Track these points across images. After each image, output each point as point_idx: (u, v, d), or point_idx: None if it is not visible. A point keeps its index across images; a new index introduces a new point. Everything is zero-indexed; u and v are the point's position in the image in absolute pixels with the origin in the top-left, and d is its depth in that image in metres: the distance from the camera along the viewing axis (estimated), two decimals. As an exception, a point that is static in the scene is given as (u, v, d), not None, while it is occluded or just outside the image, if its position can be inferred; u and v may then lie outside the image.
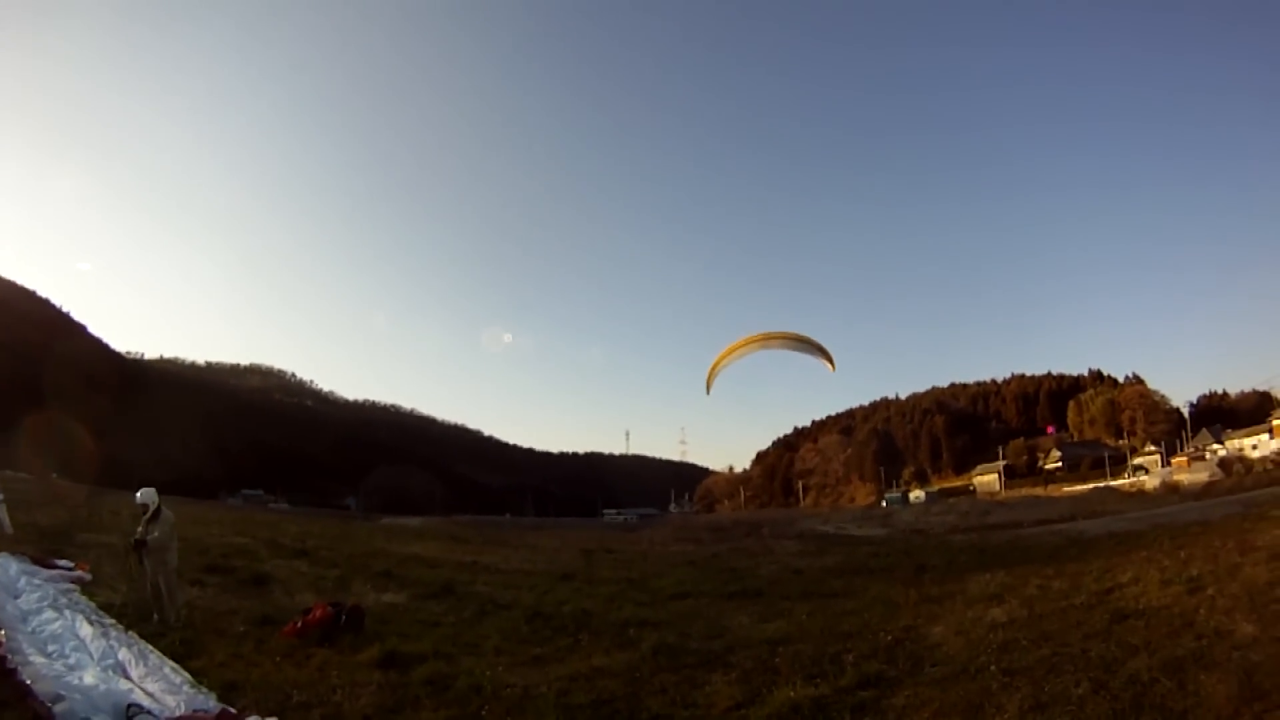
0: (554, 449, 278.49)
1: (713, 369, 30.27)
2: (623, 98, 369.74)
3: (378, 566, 23.45)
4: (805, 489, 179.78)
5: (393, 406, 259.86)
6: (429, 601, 16.86)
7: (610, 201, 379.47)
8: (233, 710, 6.80)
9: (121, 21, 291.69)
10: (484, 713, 7.94)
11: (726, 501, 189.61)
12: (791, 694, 7.98)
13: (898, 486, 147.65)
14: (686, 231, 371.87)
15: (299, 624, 11.57)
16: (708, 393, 30.95)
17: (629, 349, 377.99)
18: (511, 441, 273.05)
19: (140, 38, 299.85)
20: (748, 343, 29.77)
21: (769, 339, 30.00)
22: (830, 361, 30.39)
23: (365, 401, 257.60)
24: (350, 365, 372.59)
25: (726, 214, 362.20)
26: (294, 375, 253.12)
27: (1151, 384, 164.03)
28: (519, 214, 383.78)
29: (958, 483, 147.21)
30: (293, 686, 8.64)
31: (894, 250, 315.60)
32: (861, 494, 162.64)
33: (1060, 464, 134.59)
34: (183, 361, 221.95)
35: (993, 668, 8.53)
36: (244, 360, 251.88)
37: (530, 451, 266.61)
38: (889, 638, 11.33)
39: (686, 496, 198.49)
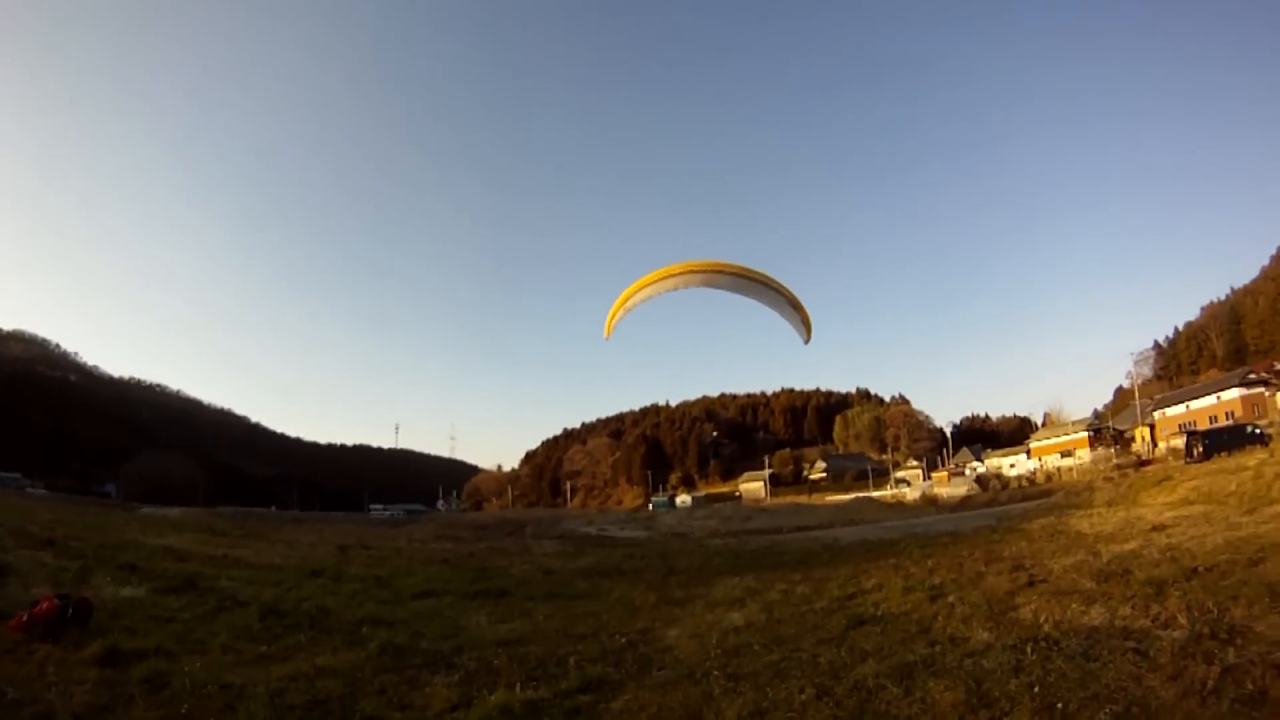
0: (322, 439, 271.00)
1: (623, 300, 24.84)
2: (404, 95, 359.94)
3: (124, 558, 22.17)
4: (573, 490, 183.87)
5: (158, 386, 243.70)
6: (168, 596, 16.12)
7: (392, 186, 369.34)
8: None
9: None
10: (196, 713, 7.73)
11: (495, 500, 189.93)
12: (507, 697, 8.04)
13: (665, 491, 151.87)
14: (467, 227, 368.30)
15: (25, 618, 11.12)
16: (607, 335, 25.52)
17: (401, 338, 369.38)
18: (279, 430, 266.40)
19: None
20: (687, 271, 24.26)
21: (717, 273, 24.55)
22: (807, 327, 25.47)
23: (131, 379, 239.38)
24: (118, 338, 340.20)
25: (510, 209, 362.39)
26: (58, 346, 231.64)
27: (916, 405, 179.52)
28: (300, 192, 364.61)
29: (725, 489, 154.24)
30: (8, 683, 8.34)
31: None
32: (629, 497, 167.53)
33: (825, 474, 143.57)
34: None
35: (716, 672, 8.64)
36: (4, 326, 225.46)
37: (298, 441, 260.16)
38: (623, 640, 11.44)
39: (455, 494, 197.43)
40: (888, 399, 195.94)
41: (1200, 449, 44.27)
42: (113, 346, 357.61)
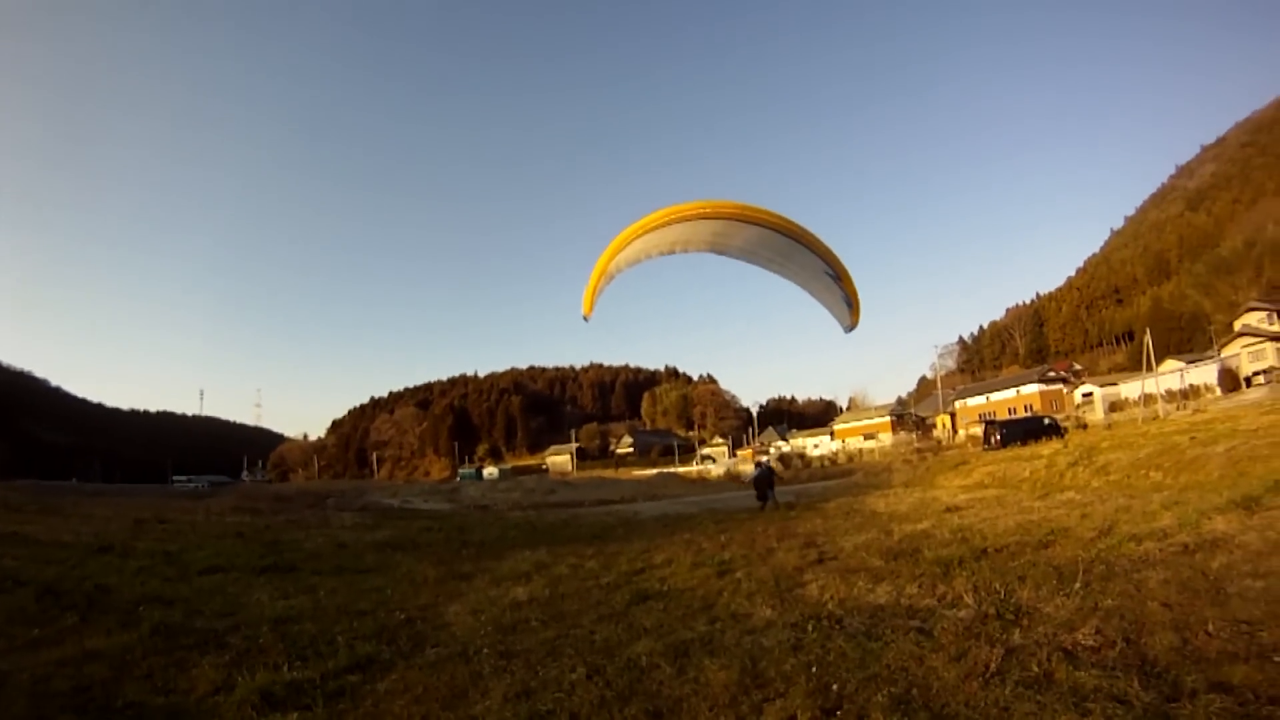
0: (124, 405, 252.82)
1: (603, 264, 19.25)
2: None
3: (-99, 540, 21.33)
4: (380, 461, 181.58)
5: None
6: (-56, 579, 15.25)
7: (196, 137, 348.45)
8: None
9: None
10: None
11: (301, 471, 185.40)
12: (270, 678, 7.74)
13: (472, 462, 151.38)
14: (269, 182, 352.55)
15: None
16: (587, 314, 19.87)
17: (203, 295, 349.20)
18: (81, 395, 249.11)
19: None
20: (683, 216, 18.30)
21: (739, 215, 18.75)
22: (854, 306, 19.87)
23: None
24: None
25: (313, 160, 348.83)
26: None
27: (724, 385, 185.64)
28: (104, 147, 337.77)
29: (532, 461, 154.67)
30: None
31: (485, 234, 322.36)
32: (437, 468, 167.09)
33: (632, 449, 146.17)
34: None
35: (488, 650, 8.58)
36: None
37: (100, 407, 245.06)
38: (402, 616, 11.31)
39: (260, 464, 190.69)
40: (696, 378, 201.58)
41: (998, 437, 46.97)
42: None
